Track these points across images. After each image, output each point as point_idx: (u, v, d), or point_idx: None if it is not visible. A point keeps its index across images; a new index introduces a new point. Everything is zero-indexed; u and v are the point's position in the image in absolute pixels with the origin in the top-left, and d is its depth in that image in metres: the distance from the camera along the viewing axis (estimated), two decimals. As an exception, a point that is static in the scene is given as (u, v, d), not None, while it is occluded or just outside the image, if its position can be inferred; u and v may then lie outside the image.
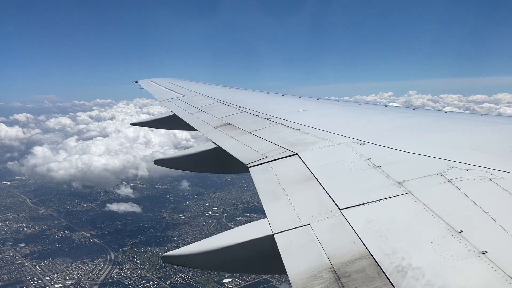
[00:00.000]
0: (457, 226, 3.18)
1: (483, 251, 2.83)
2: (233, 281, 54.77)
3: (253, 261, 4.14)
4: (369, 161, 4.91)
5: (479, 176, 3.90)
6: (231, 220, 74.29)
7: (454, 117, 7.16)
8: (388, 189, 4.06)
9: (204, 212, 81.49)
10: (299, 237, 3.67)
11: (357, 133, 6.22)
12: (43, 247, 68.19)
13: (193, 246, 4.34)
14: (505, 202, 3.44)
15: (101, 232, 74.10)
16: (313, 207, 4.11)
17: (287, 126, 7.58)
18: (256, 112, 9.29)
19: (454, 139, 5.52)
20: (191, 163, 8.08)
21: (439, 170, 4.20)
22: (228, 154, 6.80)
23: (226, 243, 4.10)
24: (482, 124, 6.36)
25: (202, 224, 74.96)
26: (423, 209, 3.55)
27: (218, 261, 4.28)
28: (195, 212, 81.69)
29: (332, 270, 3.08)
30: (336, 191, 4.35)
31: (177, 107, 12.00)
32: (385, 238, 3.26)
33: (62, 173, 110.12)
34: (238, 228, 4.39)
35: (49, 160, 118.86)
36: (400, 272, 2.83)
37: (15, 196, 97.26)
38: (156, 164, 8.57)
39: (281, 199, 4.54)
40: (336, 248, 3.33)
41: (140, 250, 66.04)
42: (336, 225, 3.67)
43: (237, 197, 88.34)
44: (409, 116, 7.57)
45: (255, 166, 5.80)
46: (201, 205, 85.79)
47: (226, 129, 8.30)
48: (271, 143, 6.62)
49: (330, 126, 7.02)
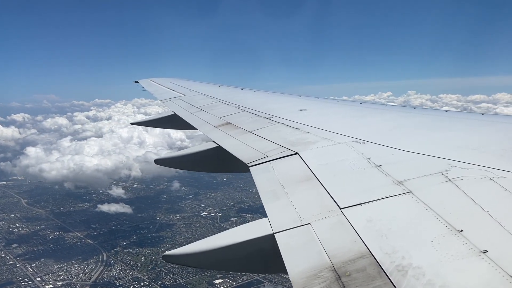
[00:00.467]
0: (457, 225, 3.18)
1: (484, 250, 2.83)
2: (225, 282, 54.78)
3: (253, 261, 4.15)
4: (369, 160, 4.91)
5: (480, 176, 3.90)
6: (225, 221, 74.15)
7: (454, 116, 7.16)
8: (388, 188, 4.06)
9: (199, 213, 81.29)
10: (300, 237, 3.67)
11: (358, 132, 6.21)
12: (36, 248, 68.07)
13: (194, 246, 4.35)
14: (505, 201, 3.43)
15: (95, 233, 73.99)
16: (314, 206, 4.11)
17: (287, 125, 7.58)
18: (256, 111, 9.29)
19: (455, 138, 5.52)
20: (192, 162, 8.08)
21: (440, 169, 4.20)
22: (228, 154, 6.80)
23: (227, 242, 4.10)
24: (483, 123, 6.36)
25: (196, 224, 74.90)
26: (424, 208, 3.55)
27: (219, 261, 4.28)
28: (190, 213, 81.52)
29: (332, 269, 3.08)
30: (337, 190, 4.35)
31: (177, 107, 12.00)
32: (385, 237, 3.26)
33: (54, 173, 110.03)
34: (239, 227, 4.39)
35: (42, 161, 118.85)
36: (400, 271, 2.83)
37: (10, 196, 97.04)
38: (156, 163, 8.57)
39: (282, 198, 4.54)
40: (337, 247, 3.34)
41: (133, 251, 65.97)
42: (336, 224, 3.67)
43: (232, 197, 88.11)
44: (410, 116, 7.57)
45: (255, 166, 5.80)
46: (195, 206, 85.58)
47: (226, 129, 8.31)
48: (272, 143, 6.62)
49: (330, 125, 7.03)
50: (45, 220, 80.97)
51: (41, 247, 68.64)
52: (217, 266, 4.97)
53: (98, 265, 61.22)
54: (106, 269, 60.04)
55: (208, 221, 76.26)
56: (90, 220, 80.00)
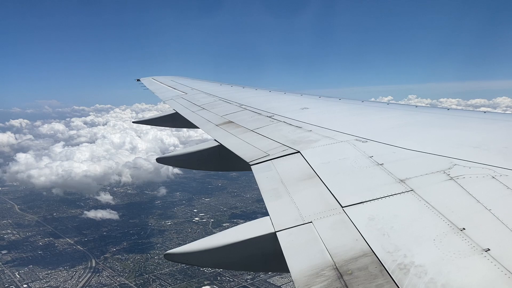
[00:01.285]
0: (459, 224, 3.17)
1: (486, 248, 2.82)
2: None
3: (255, 259, 4.15)
4: (371, 158, 4.90)
5: (482, 174, 3.89)
6: (217, 226, 73.90)
7: (456, 114, 7.14)
8: (390, 186, 4.06)
9: (191, 218, 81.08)
10: (302, 235, 3.67)
11: (359, 130, 6.20)
12: (25, 254, 67.87)
13: (195, 244, 4.35)
14: (508, 199, 3.43)
15: (85, 239, 73.78)
16: (316, 204, 4.11)
17: (289, 124, 7.57)
18: (258, 110, 9.29)
19: (457, 136, 5.50)
20: (193, 161, 8.08)
21: (442, 167, 4.19)
22: (230, 152, 6.80)
23: (228, 241, 4.10)
24: (485, 121, 6.34)
25: (188, 230, 74.74)
26: (426, 206, 3.55)
27: (220, 259, 4.28)
28: (182, 218, 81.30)
29: (334, 267, 3.08)
30: (339, 188, 4.34)
31: (179, 105, 12.01)
32: (387, 236, 3.26)
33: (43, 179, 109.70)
34: (241, 225, 4.39)
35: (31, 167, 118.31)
36: (402, 269, 2.83)
37: (3, 202, 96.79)
38: (158, 162, 8.58)
39: (283, 197, 4.53)
40: (339, 246, 3.33)
41: (122, 257, 65.75)
42: (338, 223, 3.67)
43: (225, 202, 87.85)
44: (412, 114, 7.56)
45: (257, 164, 5.80)
46: (188, 211, 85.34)
47: (228, 127, 8.30)
48: (273, 141, 6.61)
49: (332, 124, 7.02)
50: (37, 226, 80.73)
51: (30, 253, 68.41)
52: (219, 265, 4.98)
53: (86, 271, 61.04)
54: (93, 275, 59.87)
55: (200, 226, 76.09)
56: (81, 226, 79.77)
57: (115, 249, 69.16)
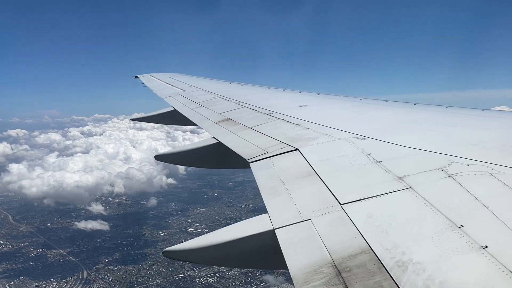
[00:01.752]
0: (457, 221, 3.18)
1: (484, 245, 2.83)
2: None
3: (254, 256, 4.16)
4: (369, 156, 4.90)
5: (480, 171, 3.90)
6: None
7: (455, 112, 7.15)
8: (388, 184, 4.06)
9: (185, 229, 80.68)
10: (300, 232, 3.67)
11: (358, 128, 6.21)
12: (16, 266, 67.33)
13: (194, 241, 4.36)
14: (505, 197, 3.43)
15: (78, 250, 73.34)
16: (314, 202, 4.12)
17: (287, 121, 7.57)
18: (257, 107, 9.28)
19: (455, 134, 5.51)
20: (192, 158, 8.08)
21: (440, 165, 4.20)
22: (229, 150, 6.80)
23: (227, 238, 4.11)
24: (483, 119, 6.35)
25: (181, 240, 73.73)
26: (424, 204, 3.55)
27: (219, 256, 4.29)
28: (176, 229, 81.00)
29: (333, 265, 3.09)
30: (337, 186, 4.35)
31: (177, 102, 11.98)
32: (385, 233, 3.26)
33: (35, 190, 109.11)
34: (239, 223, 4.39)
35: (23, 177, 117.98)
36: (400, 267, 2.84)
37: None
38: (156, 159, 8.58)
39: (282, 194, 4.54)
40: (337, 243, 3.34)
41: (114, 268, 65.39)
42: (337, 220, 3.68)
43: (221, 213, 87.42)
44: (410, 111, 7.56)
45: (256, 162, 5.80)
46: (183, 221, 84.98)
47: (226, 125, 8.30)
48: (272, 138, 6.61)
49: (331, 121, 7.02)
50: (30, 237, 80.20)
51: (22, 264, 67.91)
52: (218, 262, 4.99)
53: (77, 283, 60.67)
54: (84, 287, 59.54)
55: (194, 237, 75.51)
56: (75, 237, 79.30)
57: (107, 260, 68.82)
